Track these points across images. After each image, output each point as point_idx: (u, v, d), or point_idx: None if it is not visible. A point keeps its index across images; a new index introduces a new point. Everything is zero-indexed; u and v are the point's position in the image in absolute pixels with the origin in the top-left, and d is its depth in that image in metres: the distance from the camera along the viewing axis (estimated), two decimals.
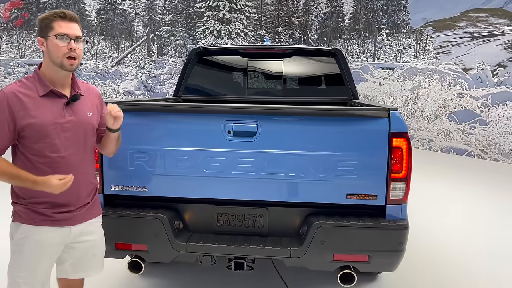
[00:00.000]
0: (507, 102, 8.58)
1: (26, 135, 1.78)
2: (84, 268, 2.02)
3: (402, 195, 2.36)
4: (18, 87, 1.79)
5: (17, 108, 1.75)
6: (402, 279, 3.23)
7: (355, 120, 2.34)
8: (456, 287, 3.19)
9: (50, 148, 1.81)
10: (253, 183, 2.41)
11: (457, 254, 3.79)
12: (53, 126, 1.81)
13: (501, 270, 3.51)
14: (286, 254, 2.34)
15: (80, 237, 1.95)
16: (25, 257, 1.82)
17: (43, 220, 1.84)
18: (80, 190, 1.92)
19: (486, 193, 6.02)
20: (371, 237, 2.32)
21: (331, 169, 2.33)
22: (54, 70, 1.83)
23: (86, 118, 1.94)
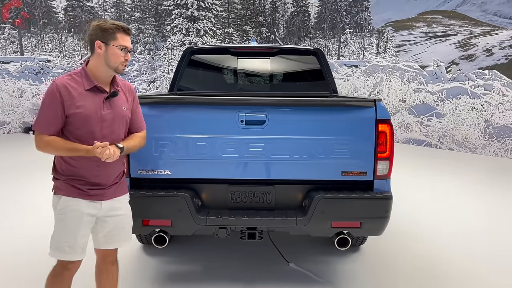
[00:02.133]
0: (459, 96, 9.43)
1: (71, 121, 2.10)
2: (115, 239, 2.34)
3: (387, 171, 2.84)
4: (68, 80, 2.11)
5: (66, 98, 2.07)
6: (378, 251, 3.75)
7: (348, 109, 2.80)
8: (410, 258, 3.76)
9: (90, 135, 2.12)
10: (262, 164, 2.81)
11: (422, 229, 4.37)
12: (94, 116, 2.13)
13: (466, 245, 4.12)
14: (292, 224, 2.76)
15: (111, 211, 2.27)
16: (68, 225, 2.16)
17: (79, 194, 2.16)
18: (110, 173, 2.26)
19: (444, 178, 6.73)
20: (363, 206, 2.78)
21: (328, 151, 2.77)
22: (103, 70, 2.17)
23: (121, 112, 2.26)
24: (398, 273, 3.39)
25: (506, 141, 8.65)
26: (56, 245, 2.18)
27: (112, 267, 2.45)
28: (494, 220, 4.71)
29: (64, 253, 2.17)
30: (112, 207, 2.28)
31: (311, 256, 3.62)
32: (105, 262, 2.41)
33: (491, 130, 8.88)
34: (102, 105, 2.17)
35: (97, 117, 2.14)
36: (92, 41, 2.12)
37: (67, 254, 2.17)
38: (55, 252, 2.18)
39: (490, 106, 8.92)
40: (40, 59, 12.06)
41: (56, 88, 2.06)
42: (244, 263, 3.48)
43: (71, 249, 2.17)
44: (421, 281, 3.26)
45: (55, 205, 2.19)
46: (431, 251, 3.79)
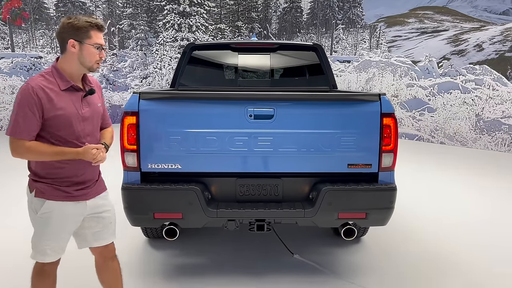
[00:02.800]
0: (451, 91, 9.61)
1: (51, 124, 2.02)
2: (104, 236, 2.33)
3: (391, 163, 2.93)
4: (42, 81, 2.01)
5: (45, 100, 1.98)
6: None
7: (353, 103, 2.87)
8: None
9: (72, 135, 2.09)
10: (270, 158, 2.87)
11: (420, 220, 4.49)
12: (75, 116, 2.08)
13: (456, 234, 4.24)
14: (300, 215, 2.83)
15: (96, 209, 2.26)
16: (51, 228, 2.11)
17: (65, 196, 2.12)
18: (95, 169, 2.26)
19: (438, 171, 6.88)
20: (368, 198, 2.87)
21: (335, 144, 2.85)
22: (77, 69, 2.10)
23: (97, 109, 2.25)
24: (400, 263, 3.49)
25: (496, 134, 8.84)
26: (37, 248, 2.15)
27: (112, 263, 2.44)
28: (491, 211, 4.85)
29: (45, 256, 2.15)
30: (96, 204, 2.26)
31: (315, 248, 3.71)
32: (105, 260, 2.41)
33: (481, 124, 9.06)
34: (81, 104, 2.13)
35: (78, 117, 2.10)
36: (63, 40, 2.04)
37: (48, 257, 2.16)
38: (37, 255, 2.17)
39: (481, 101, 9.10)
40: (31, 55, 11.94)
41: (33, 90, 1.95)
42: (250, 256, 3.55)
43: (53, 251, 2.16)
44: (424, 270, 3.37)
45: (35, 208, 2.11)
46: (433, 242, 3.91)
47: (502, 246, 3.86)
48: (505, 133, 8.71)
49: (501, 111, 8.81)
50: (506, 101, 8.79)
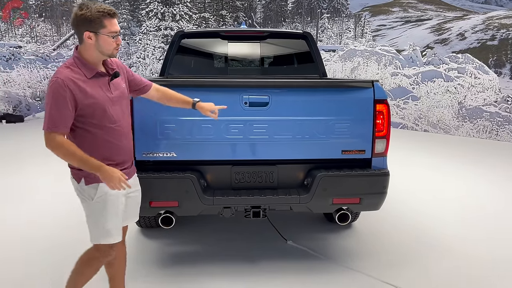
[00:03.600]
0: (434, 79, 9.77)
1: (86, 113, 2.06)
2: (130, 215, 2.41)
3: (384, 149, 2.98)
4: (69, 72, 2.03)
5: (76, 91, 2.01)
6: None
7: (347, 90, 2.90)
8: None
9: (107, 120, 2.14)
10: (265, 145, 2.89)
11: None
12: (106, 102, 2.13)
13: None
14: (296, 201, 2.87)
15: (132, 188, 2.30)
16: (109, 209, 2.17)
17: None
18: (130, 150, 2.34)
19: (422, 158, 7.02)
20: (362, 183, 2.91)
21: (329, 131, 2.88)
22: (97, 56, 2.12)
23: (123, 90, 2.28)
24: (392, 247, 3.57)
25: (478, 122, 9.05)
26: (101, 232, 2.19)
27: (122, 247, 2.50)
28: (478, 196, 4.99)
29: (111, 236, 2.21)
30: (133, 184, 2.33)
31: (308, 234, 3.76)
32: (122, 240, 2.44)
33: (464, 111, 9.26)
34: (109, 88, 2.18)
35: (109, 102, 2.15)
36: (79, 31, 2.04)
37: (114, 236, 2.22)
38: (101, 238, 2.20)
39: (463, 89, 9.28)
40: (10, 45, 11.60)
41: (63, 83, 1.97)
42: (243, 243, 3.58)
43: (117, 230, 2.23)
44: (415, 254, 3.45)
45: (90, 195, 2.16)
46: (422, 225, 4.01)
47: (491, 230, 3.98)
48: (486, 120, 8.92)
49: (483, 99, 9.01)
50: (487, 89, 9.00)
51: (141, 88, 2.46)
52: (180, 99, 2.55)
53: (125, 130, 2.27)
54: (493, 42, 7.17)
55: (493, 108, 8.83)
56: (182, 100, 2.55)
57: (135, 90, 2.45)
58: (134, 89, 2.44)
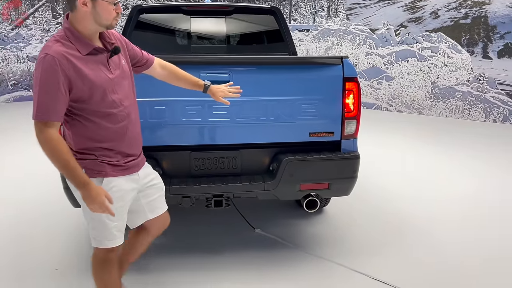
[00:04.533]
0: (408, 59, 9.68)
1: (81, 98, 1.73)
2: (158, 204, 2.18)
3: (354, 131, 2.79)
4: (61, 47, 1.66)
5: (70, 71, 1.66)
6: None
7: (314, 67, 2.68)
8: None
9: (108, 105, 1.81)
10: (226, 128, 2.65)
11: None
12: (107, 83, 1.79)
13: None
14: (260, 188, 2.66)
15: (147, 178, 2.08)
16: (114, 207, 1.83)
17: (119, 171, 1.89)
18: (139, 138, 2.05)
19: (394, 140, 6.94)
20: (331, 167, 2.73)
21: (295, 112, 2.66)
22: (94, 29, 1.76)
23: (125, 68, 1.95)
24: (363, 233, 3.43)
25: (450, 101, 9.05)
26: (103, 233, 1.92)
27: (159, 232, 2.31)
28: (449, 177, 4.92)
29: (115, 239, 1.96)
30: (146, 174, 2.08)
31: (277, 220, 3.58)
32: (158, 232, 2.27)
33: (437, 91, 9.23)
34: (108, 67, 1.82)
35: (109, 84, 1.80)
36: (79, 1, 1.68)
37: (117, 239, 1.97)
38: (104, 241, 1.94)
39: (436, 68, 9.23)
40: None
41: (53, 61, 1.62)
42: (206, 232, 3.37)
43: (120, 232, 1.98)
44: (388, 240, 3.32)
45: None
46: (395, 209, 3.88)
47: (465, 211, 3.90)
48: (458, 100, 8.92)
49: (455, 78, 8.99)
50: (460, 68, 8.97)
51: (142, 63, 2.13)
52: (190, 80, 2.26)
53: (131, 116, 1.94)
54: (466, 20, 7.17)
55: (466, 87, 8.83)
56: (192, 81, 2.26)
57: (136, 65, 2.11)
58: (135, 64, 2.09)
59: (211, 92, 2.29)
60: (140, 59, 2.11)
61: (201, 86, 2.27)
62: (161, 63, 2.22)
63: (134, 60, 2.08)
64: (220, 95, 2.30)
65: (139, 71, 2.16)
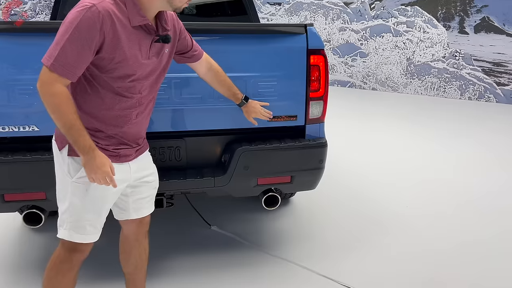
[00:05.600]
0: (383, 34, 9.29)
1: (106, 68, 1.49)
2: (145, 204, 1.88)
3: (320, 114, 2.37)
4: (114, 7, 1.44)
5: (110, 34, 1.43)
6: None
7: (272, 37, 2.22)
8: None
9: (127, 88, 1.58)
10: (166, 112, 2.19)
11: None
12: (137, 65, 1.55)
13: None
14: (209, 184, 2.22)
15: (139, 173, 1.78)
16: (92, 197, 1.61)
17: (108, 156, 1.59)
18: (141, 133, 1.78)
19: (368, 119, 6.61)
20: (293, 157, 2.31)
21: (250, 92, 2.21)
22: (161, 6, 1.53)
23: (164, 58, 1.69)
24: (331, 229, 3.06)
25: (426, 78, 8.76)
26: (73, 223, 1.63)
27: (145, 241, 2.00)
28: (422, 157, 4.61)
29: (84, 234, 1.66)
30: (140, 167, 1.79)
31: (235, 215, 3.16)
32: (138, 236, 1.95)
33: (412, 68, 8.93)
34: (148, 50, 1.57)
35: (139, 67, 1.56)
36: None
37: (88, 235, 1.67)
38: (72, 232, 1.64)
39: (412, 44, 8.90)
40: None
41: (100, 16, 1.38)
42: (156, 229, 2.92)
43: (93, 228, 1.68)
44: (360, 235, 2.96)
45: (70, 171, 1.59)
46: (368, 200, 3.53)
47: (443, 202, 3.59)
48: (434, 77, 8.64)
49: (431, 54, 8.68)
50: (435, 44, 8.65)
51: (189, 56, 1.89)
52: (230, 89, 2.05)
53: (143, 108, 1.70)
54: None
55: (441, 64, 8.53)
56: (232, 91, 2.06)
57: (181, 53, 1.86)
58: (180, 52, 1.85)
59: (245, 109, 2.11)
60: (187, 51, 1.88)
61: (238, 99, 2.08)
62: (209, 62, 1.98)
63: (181, 51, 1.86)
64: (252, 115, 2.13)
65: (181, 62, 1.92)
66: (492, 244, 2.85)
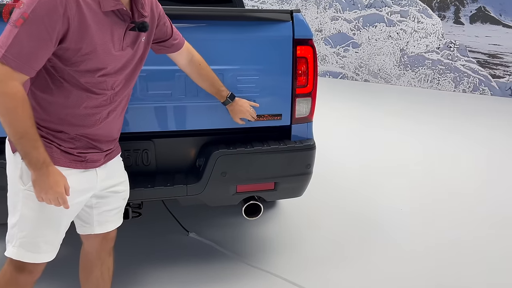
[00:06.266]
0: (376, 24, 9.02)
1: (72, 60, 1.27)
2: (111, 218, 1.64)
3: (308, 112, 2.11)
4: None
5: (75, 21, 1.21)
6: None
7: (253, 25, 1.94)
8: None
9: (97, 84, 1.36)
10: (131, 110, 1.90)
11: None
12: (109, 57, 1.33)
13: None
14: (181, 193, 1.96)
15: (107, 182, 1.55)
16: (47, 209, 1.36)
17: (70, 161, 1.40)
18: (113, 133, 1.55)
19: (361, 111, 6.37)
20: (277, 161, 2.05)
21: (228, 87, 1.93)
22: None
23: (140, 48, 1.47)
24: (319, 238, 2.82)
25: (420, 70, 8.53)
26: (25, 239, 1.39)
27: (109, 259, 1.76)
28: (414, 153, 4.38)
29: (37, 253, 1.41)
30: (109, 175, 1.56)
31: (215, 220, 2.91)
32: (100, 253, 1.71)
33: (405, 59, 8.69)
34: (122, 39, 1.36)
35: (111, 59, 1.34)
36: None
37: (42, 254, 1.42)
38: (22, 250, 1.39)
39: (406, 34, 8.64)
40: None
41: (63, 1, 1.17)
42: (130, 236, 2.66)
43: (49, 245, 1.44)
44: (350, 244, 2.73)
45: (24, 176, 1.34)
46: (361, 204, 3.29)
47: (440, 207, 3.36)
48: (428, 68, 8.41)
49: (425, 45, 8.43)
50: (430, 35, 8.41)
51: (170, 43, 1.66)
52: (215, 84, 1.84)
53: (116, 105, 1.47)
54: None
55: (435, 55, 8.29)
56: (216, 87, 1.84)
57: (160, 42, 1.63)
58: (159, 40, 1.62)
59: (230, 108, 1.90)
60: (167, 40, 1.65)
61: (223, 96, 1.87)
62: (190, 53, 1.75)
63: (160, 39, 1.63)
64: (238, 116, 1.92)
65: (160, 52, 1.69)
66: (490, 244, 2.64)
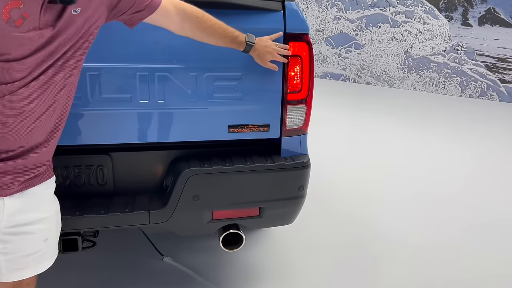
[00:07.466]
0: (379, 25, 8.66)
1: None
2: (23, 265, 1.21)
3: (302, 122, 1.74)
4: None
5: None
6: None
7: (236, 15, 1.57)
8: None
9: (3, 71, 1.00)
10: (83, 118, 1.53)
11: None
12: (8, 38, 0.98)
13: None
14: (143, 221, 1.58)
15: (20, 215, 1.16)
16: None
17: None
18: (29, 140, 1.13)
19: (362, 114, 6.00)
20: (263, 182, 1.68)
21: (205, 92, 1.57)
22: None
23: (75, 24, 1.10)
24: (318, 259, 2.45)
25: (425, 73, 8.17)
26: None
27: None
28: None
29: None
30: (24, 206, 1.17)
31: (194, 243, 2.53)
32: None
33: (410, 62, 8.32)
34: (38, 15, 1.01)
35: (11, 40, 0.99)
36: None
37: None
38: None
39: (411, 36, 8.28)
40: None
41: None
42: (100, 265, 2.29)
43: None
44: (349, 274, 2.36)
45: None
46: (363, 223, 2.92)
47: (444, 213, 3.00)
48: (433, 72, 8.04)
49: (431, 48, 8.07)
50: (436, 36, 8.04)
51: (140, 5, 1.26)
52: (227, 32, 1.44)
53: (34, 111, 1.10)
54: None
55: (442, 58, 7.93)
56: (229, 33, 1.45)
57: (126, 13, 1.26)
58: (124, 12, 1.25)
59: (255, 53, 1.51)
60: (132, 6, 1.25)
61: (241, 42, 1.48)
62: (179, 8, 1.35)
63: (125, 9, 1.25)
64: (268, 58, 1.53)
65: (135, 23, 1.32)
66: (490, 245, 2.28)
